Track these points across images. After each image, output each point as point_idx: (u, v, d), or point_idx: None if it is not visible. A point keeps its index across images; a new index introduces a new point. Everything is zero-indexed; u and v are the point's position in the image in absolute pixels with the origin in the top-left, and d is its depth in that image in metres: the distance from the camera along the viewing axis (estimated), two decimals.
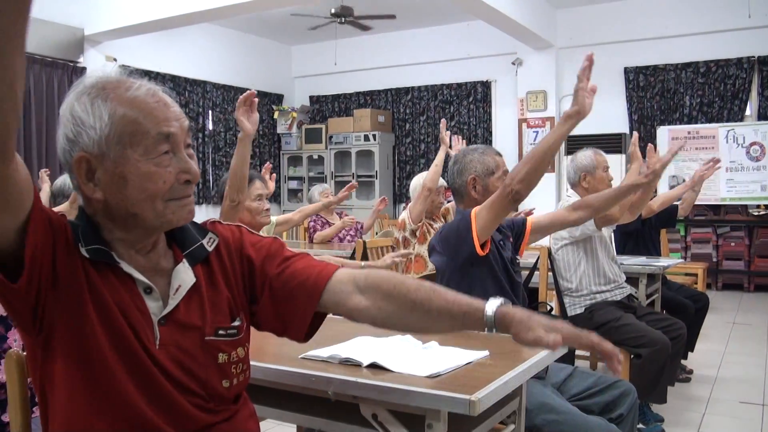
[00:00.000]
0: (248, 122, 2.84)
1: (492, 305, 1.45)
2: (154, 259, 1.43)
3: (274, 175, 4.68)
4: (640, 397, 3.60)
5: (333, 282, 1.52)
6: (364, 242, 4.76)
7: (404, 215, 4.55)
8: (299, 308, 1.51)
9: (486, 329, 1.45)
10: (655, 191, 5.06)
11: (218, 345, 1.45)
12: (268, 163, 4.78)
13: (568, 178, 4.18)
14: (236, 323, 1.49)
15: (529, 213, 4.36)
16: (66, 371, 1.31)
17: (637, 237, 5.22)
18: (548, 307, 3.91)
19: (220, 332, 1.46)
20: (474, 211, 2.73)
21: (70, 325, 1.29)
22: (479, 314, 1.45)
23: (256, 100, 2.87)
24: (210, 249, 1.50)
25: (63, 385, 1.31)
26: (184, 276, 1.44)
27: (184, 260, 1.46)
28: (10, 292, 1.24)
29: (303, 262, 1.56)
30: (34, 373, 1.37)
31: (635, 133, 4.25)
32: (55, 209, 2.62)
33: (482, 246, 2.73)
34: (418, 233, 4.51)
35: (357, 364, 1.87)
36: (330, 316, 1.58)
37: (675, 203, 5.44)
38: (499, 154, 3.01)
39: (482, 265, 2.76)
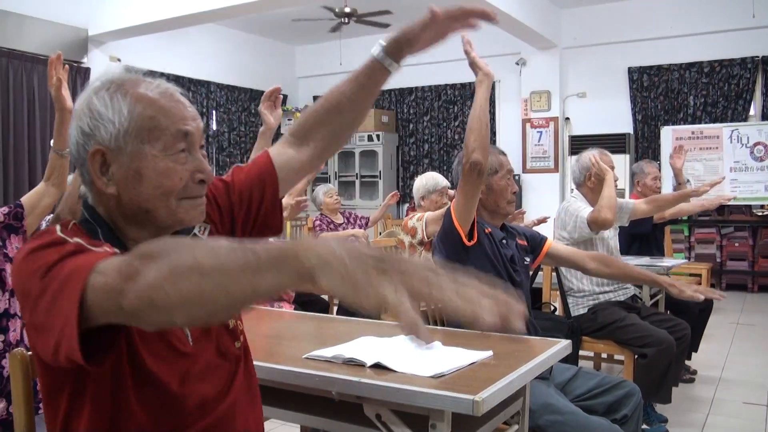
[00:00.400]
0: (271, 116, 2.88)
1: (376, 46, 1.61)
2: None
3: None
4: (644, 398, 3.60)
5: (274, 155, 1.65)
6: (368, 242, 4.76)
7: (418, 225, 4.45)
8: (268, 192, 1.62)
9: (388, 65, 1.63)
10: None
11: None
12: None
13: (574, 178, 4.17)
14: None
15: (543, 221, 4.33)
16: (100, 402, 1.30)
17: (643, 238, 5.23)
18: (552, 308, 3.92)
19: None
20: (451, 203, 2.78)
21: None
22: (370, 60, 1.61)
23: (281, 96, 2.94)
24: (203, 237, 1.53)
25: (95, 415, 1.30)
26: None
27: None
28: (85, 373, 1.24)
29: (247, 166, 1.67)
30: (54, 402, 1.34)
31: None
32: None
33: (469, 237, 2.73)
34: (425, 241, 4.46)
35: (360, 364, 1.87)
36: (332, 315, 1.58)
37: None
38: (503, 153, 3.02)
39: (476, 257, 2.77)
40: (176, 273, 0.97)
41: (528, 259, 3.08)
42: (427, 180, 4.63)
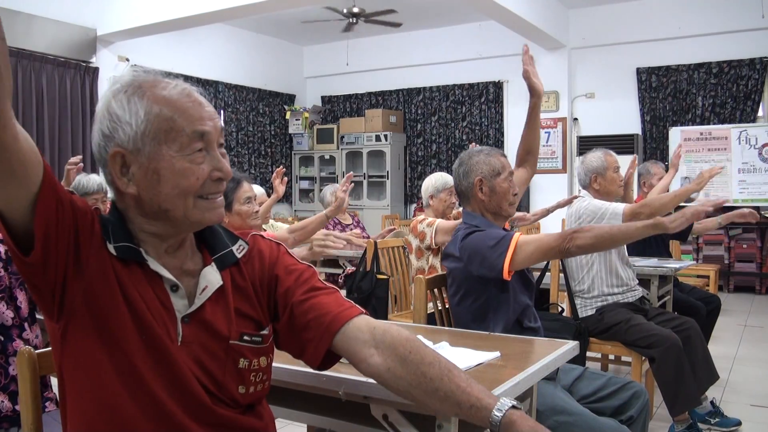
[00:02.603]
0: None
1: (502, 407, 1.38)
2: (181, 259, 1.46)
3: (286, 179, 4.65)
4: (671, 411, 3.59)
5: (350, 326, 1.50)
6: (375, 242, 4.76)
7: (428, 231, 4.40)
8: (313, 341, 1.51)
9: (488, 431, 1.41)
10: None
11: (241, 350, 1.47)
12: (281, 167, 4.78)
13: (579, 179, 4.16)
14: (264, 332, 1.51)
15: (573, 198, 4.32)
16: (91, 357, 1.33)
17: (648, 239, 5.20)
18: (559, 309, 3.91)
19: (245, 338, 1.47)
20: (518, 238, 2.66)
21: (99, 315, 1.32)
22: (486, 413, 1.38)
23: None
24: (239, 255, 1.52)
25: (88, 369, 1.34)
26: (211, 278, 1.46)
27: (213, 263, 1.48)
28: (26, 267, 1.27)
29: (329, 297, 1.54)
30: (55, 358, 1.39)
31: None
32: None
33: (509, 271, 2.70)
34: (433, 245, 4.43)
35: None
36: None
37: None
38: (504, 155, 3.01)
39: (505, 284, 2.74)
40: None
41: None
42: (436, 179, 4.63)
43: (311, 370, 1.82)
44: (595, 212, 3.84)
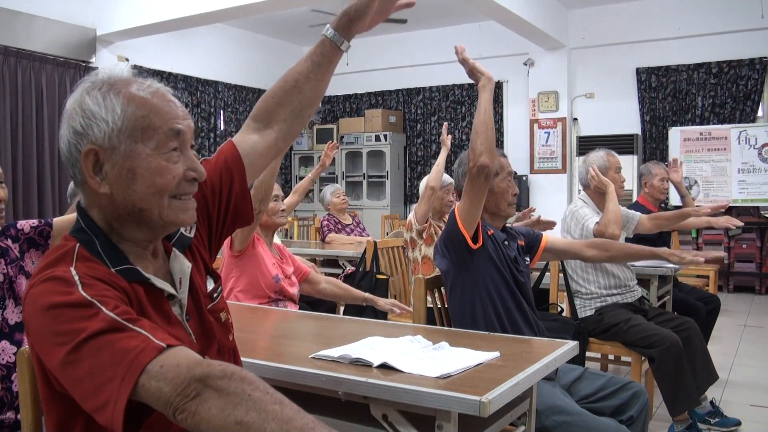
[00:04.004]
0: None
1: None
2: (160, 262, 1.47)
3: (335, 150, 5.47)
4: (671, 411, 3.60)
5: (238, 142, 1.66)
6: (375, 242, 4.76)
7: (410, 216, 4.55)
8: (236, 181, 1.62)
9: (338, 42, 1.67)
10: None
11: (217, 307, 1.54)
12: (334, 141, 5.57)
13: (580, 179, 4.16)
14: (214, 279, 1.58)
15: (549, 226, 4.30)
16: None
17: (650, 241, 5.22)
18: (559, 309, 3.91)
19: (214, 295, 1.54)
20: (456, 206, 2.77)
21: None
22: (321, 38, 1.66)
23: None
24: (191, 235, 1.55)
25: None
26: (180, 266, 1.47)
27: (174, 250, 1.49)
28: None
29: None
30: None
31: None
32: None
33: (474, 239, 2.74)
34: (424, 234, 4.46)
35: (367, 365, 1.88)
36: (339, 315, 1.59)
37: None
38: (504, 155, 3.01)
39: (481, 260, 2.77)
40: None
41: (528, 259, 3.08)
42: (428, 179, 4.65)
43: (311, 370, 1.83)
44: (578, 222, 3.91)
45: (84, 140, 1.33)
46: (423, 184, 4.73)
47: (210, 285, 1.55)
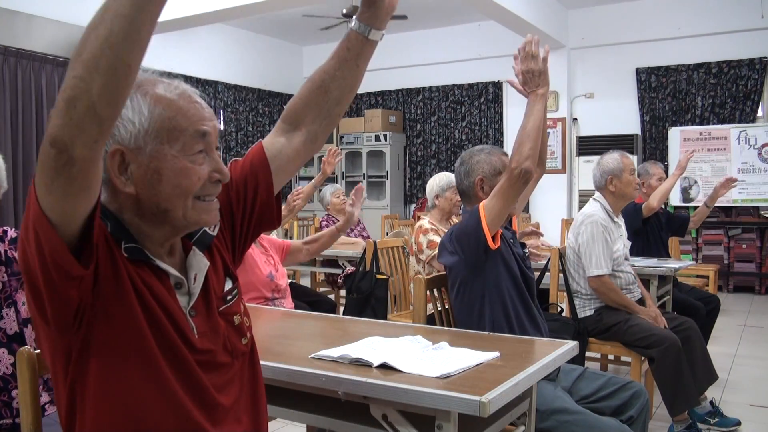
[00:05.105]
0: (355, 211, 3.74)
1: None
2: (176, 257, 1.47)
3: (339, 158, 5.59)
4: (671, 411, 3.61)
5: (266, 145, 1.64)
6: (375, 242, 4.76)
7: (426, 252, 4.25)
8: (261, 184, 1.61)
9: (365, 33, 1.63)
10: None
11: (231, 310, 1.52)
12: (336, 148, 5.61)
13: (595, 181, 4.11)
14: (235, 278, 1.57)
15: (538, 232, 4.26)
16: (108, 367, 1.30)
17: (646, 237, 5.23)
18: (559, 309, 3.91)
19: (228, 298, 1.53)
20: (482, 204, 2.71)
21: (115, 321, 1.30)
22: (347, 32, 1.63)
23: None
24: (213, 233, 1.54)
25: (103, 380, 1.30)
26: (197, 263, 1.47)
27: (194, 248, 1.49)
28: (70, 280, 1.22)
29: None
30: (60, 372, 1.33)
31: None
32: None
33: (493, 239, 2.72)
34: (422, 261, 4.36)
35: (367, 365, 1.88)
36: (339, 315, 1.60)
37: (687, 215, 5.84)
38: (506, 154, 3.01)
39: (495, 259, 2.75)
40: (78, 49, 1.19)
41: None
42: (440, 179, 4.60)
43: (311, 370, 1.83)
44: (584, 250, 3.87)
45: (110, 140, 1.32)
46: (432, 184, 4.55)
47: (228, 285, 1.55)
